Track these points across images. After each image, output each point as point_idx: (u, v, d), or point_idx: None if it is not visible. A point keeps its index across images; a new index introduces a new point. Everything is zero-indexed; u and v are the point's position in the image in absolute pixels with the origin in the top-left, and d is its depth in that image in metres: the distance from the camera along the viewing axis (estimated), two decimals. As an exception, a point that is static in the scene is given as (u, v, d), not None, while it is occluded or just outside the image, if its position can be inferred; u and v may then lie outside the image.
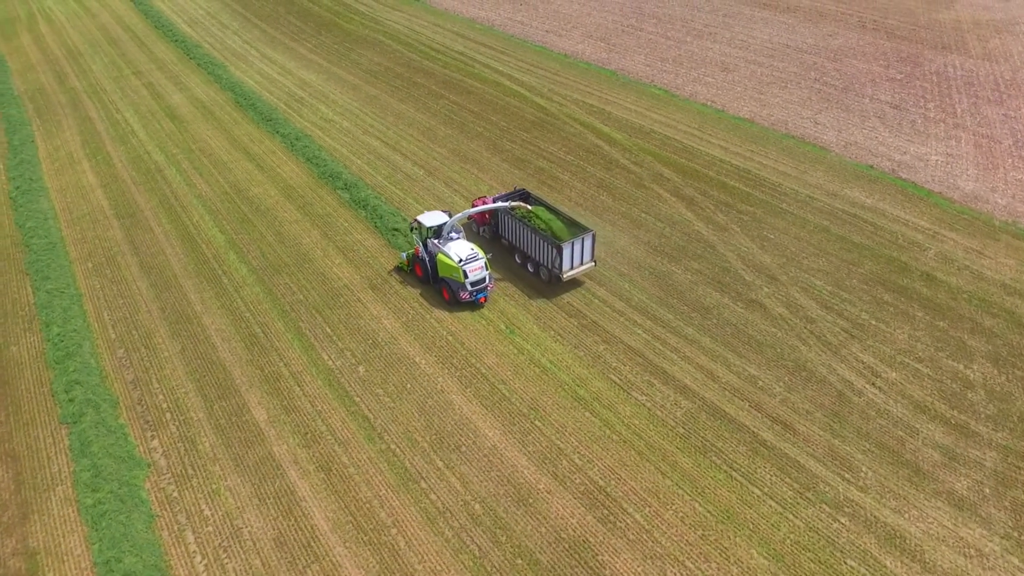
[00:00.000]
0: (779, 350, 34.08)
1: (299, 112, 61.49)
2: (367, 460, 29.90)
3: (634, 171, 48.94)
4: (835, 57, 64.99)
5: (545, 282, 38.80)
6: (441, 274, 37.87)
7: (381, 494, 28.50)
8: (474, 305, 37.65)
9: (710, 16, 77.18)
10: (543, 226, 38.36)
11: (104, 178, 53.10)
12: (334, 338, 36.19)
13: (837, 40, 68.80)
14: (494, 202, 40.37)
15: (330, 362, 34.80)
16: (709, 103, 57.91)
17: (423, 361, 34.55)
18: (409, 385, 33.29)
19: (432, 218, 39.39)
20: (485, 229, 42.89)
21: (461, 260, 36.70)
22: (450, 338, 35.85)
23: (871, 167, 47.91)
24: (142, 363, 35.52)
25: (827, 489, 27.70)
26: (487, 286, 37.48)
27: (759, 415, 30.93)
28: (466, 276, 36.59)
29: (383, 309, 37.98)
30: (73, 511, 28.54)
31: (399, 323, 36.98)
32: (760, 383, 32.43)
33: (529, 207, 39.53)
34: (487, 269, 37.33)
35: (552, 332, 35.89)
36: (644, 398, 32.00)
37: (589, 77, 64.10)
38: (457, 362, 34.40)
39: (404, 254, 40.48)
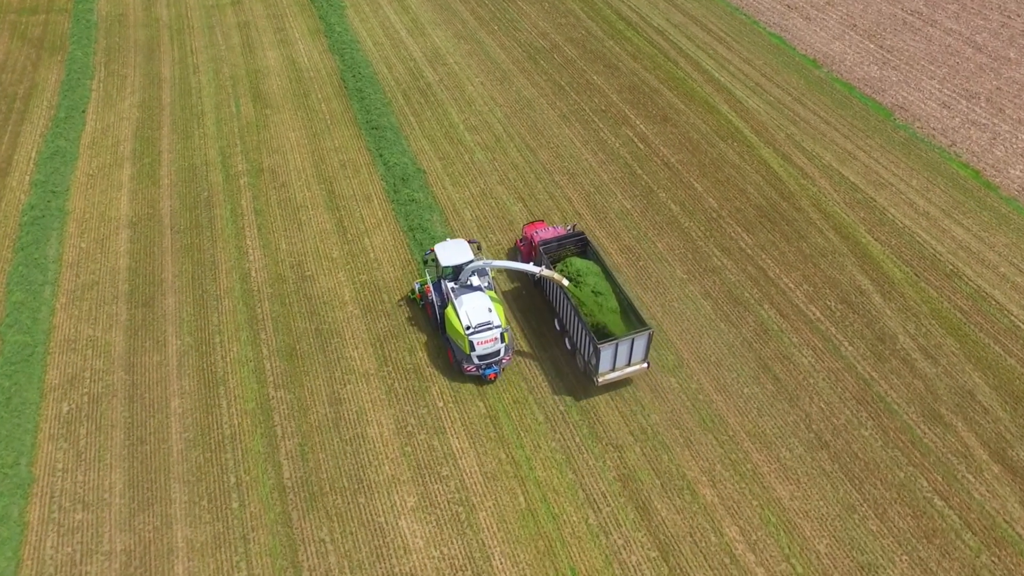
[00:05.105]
0: None
1: (419, 116, 43.76)
2: None
3: (922, 371, 29.01)
4: None
5: (581, 372, 29.19)
6: (447, 332, 29.17)
7: None
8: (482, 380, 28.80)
9: (1045, 8, 51.08)
10: (586, 301, 28.45)
11: (139, 208, 38.32)
12: None
13: None
14: (542, 247, 30.89)
15: None
16: (1053, 214, 35.62)
17: None
18: None
19: (452, 252, 29.96)
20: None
21: (470, 328, 27.88)
22: None
23: None
24: None
25: None
26: (501, 359, 28.72)
27: None
28: (473, 348, 27.82)
29: (461, 667, 22.03)
30: None
31: None
32: None
33: (574, 281, 28.95)
34: (502, 341, 28.33)
35: None
36: None
37: (850, 114, 42.16)
38: None
39: (417, 283, 31.97)
